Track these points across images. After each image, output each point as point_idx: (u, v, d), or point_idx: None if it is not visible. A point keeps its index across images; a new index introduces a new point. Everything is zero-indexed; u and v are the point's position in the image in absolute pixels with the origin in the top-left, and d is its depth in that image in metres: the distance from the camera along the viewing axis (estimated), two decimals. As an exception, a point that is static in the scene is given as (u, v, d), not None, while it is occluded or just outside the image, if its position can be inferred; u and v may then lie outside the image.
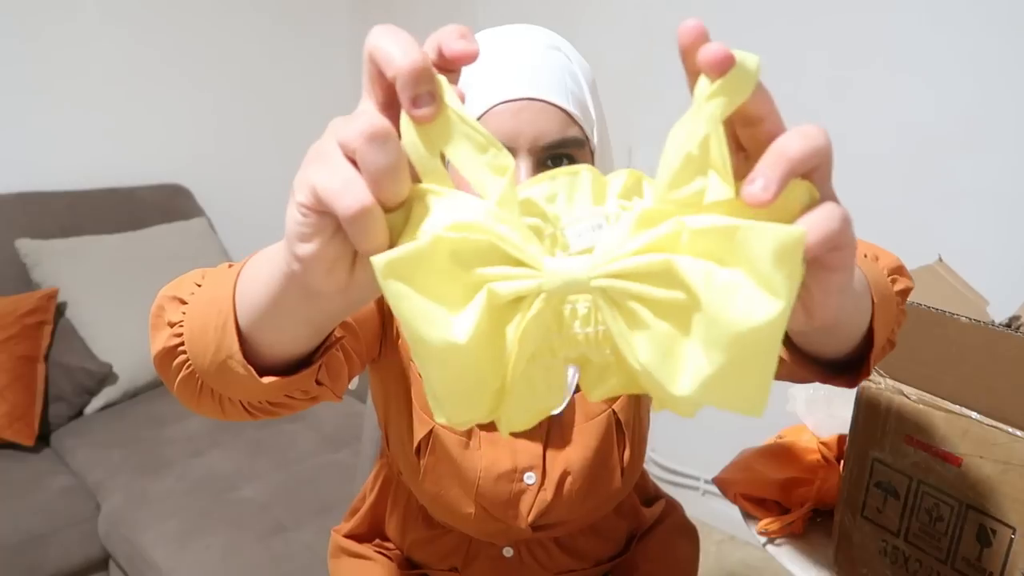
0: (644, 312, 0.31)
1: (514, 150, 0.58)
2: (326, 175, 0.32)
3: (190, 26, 2.32)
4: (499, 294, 0.31)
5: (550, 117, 0.59)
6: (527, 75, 0.58)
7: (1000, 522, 0.66)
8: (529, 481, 0.73)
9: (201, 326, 0.47)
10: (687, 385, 0.31)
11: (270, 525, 1.40)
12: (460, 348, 0.31)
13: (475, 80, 0.59)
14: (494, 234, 0.31)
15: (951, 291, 1.05)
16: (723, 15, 1.75)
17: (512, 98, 0.58)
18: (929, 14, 1.46)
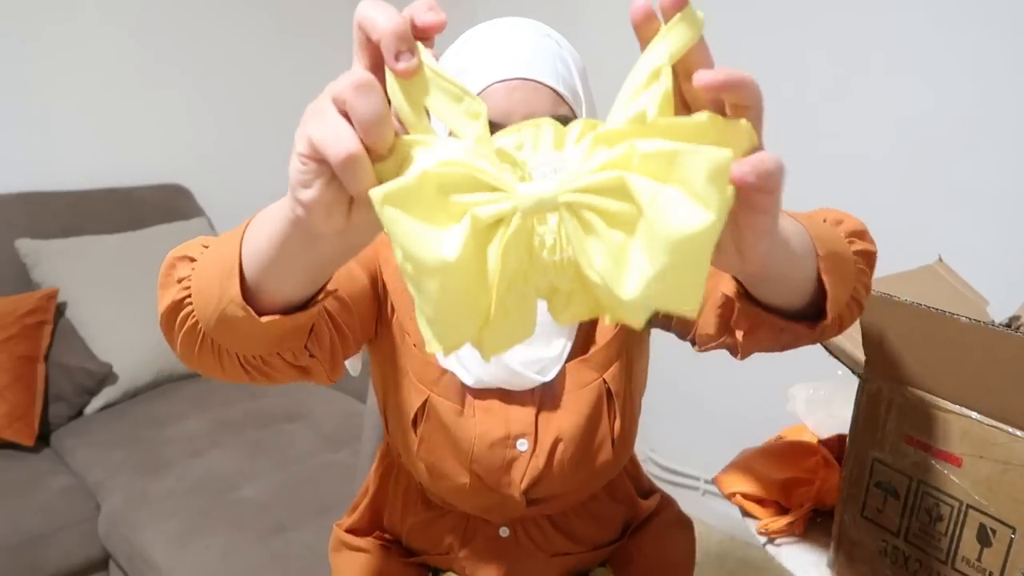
0: (599, 223, 0.35)
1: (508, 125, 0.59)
2: (320, 127, 0.36)
3: (190, 26, 2.32)
4: (481, 217, 0.35)
5: (541, 96, 0.63)
6: (521, 58, 0.63)
7: (1000, 522, 0.66)
8: (521, 448, 0.75)
9: (207, 277, 0.50)
10: (633, 287, 0.34)
11: (270, 525, 1.40)
12: (450, 265, 0.34)
13: (473, 63, 0.63)
14: (473, 167, 0.36)
15: (951, 291, 1.05)
16: (723, 15, 1.75)
17: (506, 78, 0.62)
18: (929, 14, 1.46)
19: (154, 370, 1.90)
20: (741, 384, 1.87)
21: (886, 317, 0.72)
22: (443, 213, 0.36)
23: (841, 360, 0.91)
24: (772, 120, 1.61)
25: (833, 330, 0.62)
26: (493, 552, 0.83)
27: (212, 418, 1.78)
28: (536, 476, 0.76)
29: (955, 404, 0.69)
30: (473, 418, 0.75)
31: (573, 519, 0.85)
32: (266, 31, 2.50)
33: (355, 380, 1.91)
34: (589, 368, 0.76)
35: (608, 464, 0.79)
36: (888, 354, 0.74)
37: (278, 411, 1.84)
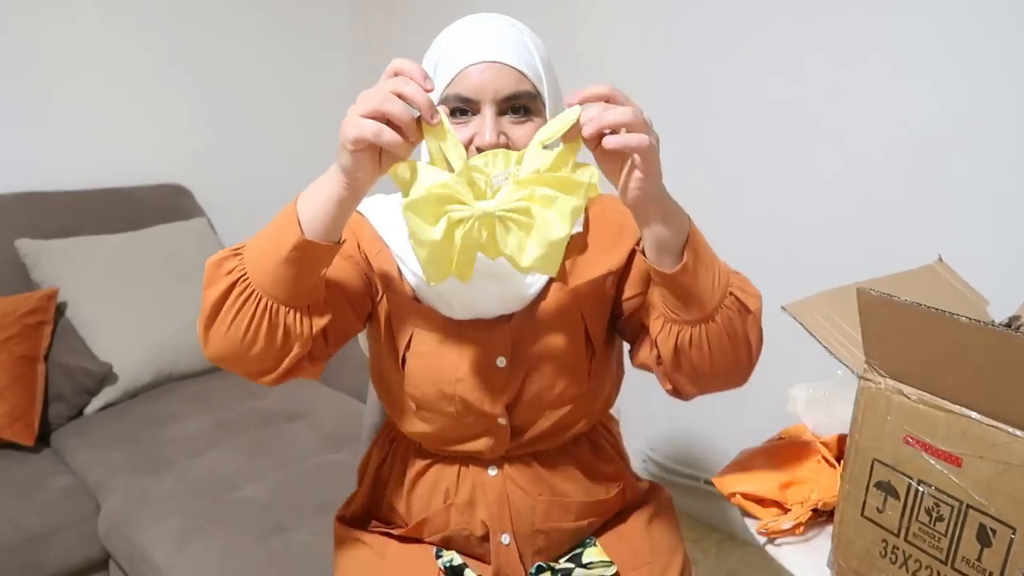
0: (513, 227, 0.68)
1: (480, 101, 0.76)
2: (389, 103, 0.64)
3: (190, 27, 2.32)
4: (453, 218, 0.67)
5: (507, 75, 0.76)
6: (489, 44, 0.76)
7: (1000, 522, 0.66)
8: (500, 364, 0.85)
9: (263, 249, 0.72)
10: (527, 260, 0.69)
11: (270, 525, 1.40)
12: (436, 241, 0.67)
13: (449, 52, 0.77)
14: (455, 189, 0.67)
15: (951, 291, 1.05)
16: (722, 16, 1.75)
17: (477, 61, 0.75)
18: (929, 14, 1.46)
19: (154, 370, 1.90)
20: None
21: (886, 317, 0.72)
22: (434, 212, 0.67)
23: (841, 360, 0.91)
24: (772, 120, 1.62)
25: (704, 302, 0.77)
26: (484, 492, 0.89)
27: (212, 418, 1.78)
28: (516, 393, 0.85)
29: (955, 404, 0.69)
30: (456, 343, 0.84)
31: (557, 460, 0.92)
32: (266, 32, 2.50)
33: (355, 380, 1.91)
34: (568, 296, 0.86)
35: (585, 396, 0.88)
36: (888, 354, 0.74)
37: (278, 411, 1.84)
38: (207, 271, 0.74)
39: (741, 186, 1.81)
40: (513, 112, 0.77)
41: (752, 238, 1.80)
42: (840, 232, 1.66)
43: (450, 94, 0.76)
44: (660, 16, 1.87)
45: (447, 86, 0.76)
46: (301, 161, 2.67)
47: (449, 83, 0.76)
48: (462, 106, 0.76)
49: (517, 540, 0.90)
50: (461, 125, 0.76)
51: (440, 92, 0.76)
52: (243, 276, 0.72)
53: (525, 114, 0.77)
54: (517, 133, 0.77)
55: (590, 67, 2.02)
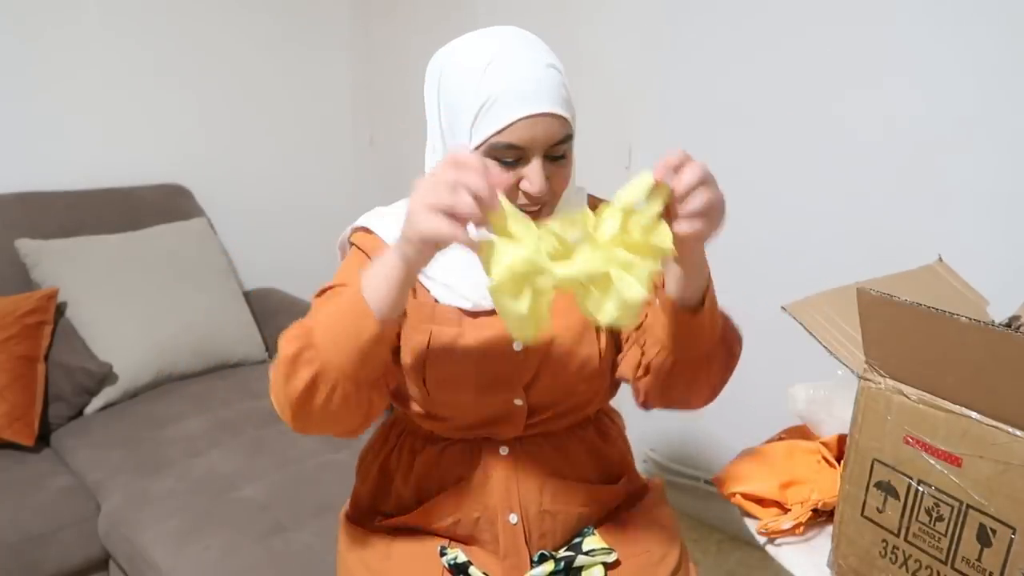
0: (593, 288, 0.69)
1: (530, 150, 0.78)
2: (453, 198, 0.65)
3: (190, 27, 2.32)
4: (537, 288, 0.68)
5: (554, 125, 0.78)
6: (541, 93, 0.78)
7: (1000, 522, 0.66)
8: (517, 348, 0.87)
9: (339, 336, 0.75)
10: (606, 319, 0.68)
11: (270, 525, 1.40)
12: (523, 315, 0.67)
13: (500, 97, 0.77)
14: (534, 262, 0.67)
15: (951, 291, 1.05)
16: (722, 15, 1.75)
17: (531, 114, 0.77)
18: (929, 15, 1.46)
19: (154, 370, 1.90)
20: (741, 384, 1.86)
21: (886, 317, 0.72)
22: (518, 286, 0.68)
23: (841, 360, 0.91)
24: (773, 121, 1.63)
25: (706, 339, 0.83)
26: (495, 471, 0.91)
27: (212, 418, 1.78)
28: (533, 375, 0.88)
29: (955, 404, 0.69)
30: (474, 333, 0.87)
31: (566, 442, 0.95)
32: (266, 32, 2.50)
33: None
34: None
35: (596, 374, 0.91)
36: (888, 354, 0.74)
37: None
38: (281, 369, 0.79)
39: (741, 186, 1.80)
40: (554, 157, 0.80)
41: (752, 238, 1.80)
42: (840, 232, 1.66)
43: (500, 142, 0.77)
44: (660, 17, 1.87)
45: (496, 132, 0.77)
46: (301, 161, 2.67)
47: (499, 131, 0.77)
48: (510, 156, 0.78)
49: (524, 520, 0.91)
50: (507, 169, 0.79)
51: (485, 137, 0.77)
52: (323, 369, 0.76)
53: (563, 156, 0.81)
54: (558, 177, 0.82)
55: (589, 67, 2.02)
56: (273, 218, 2.61)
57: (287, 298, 2.36)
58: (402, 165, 2.64)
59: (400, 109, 2.62)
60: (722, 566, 1.93)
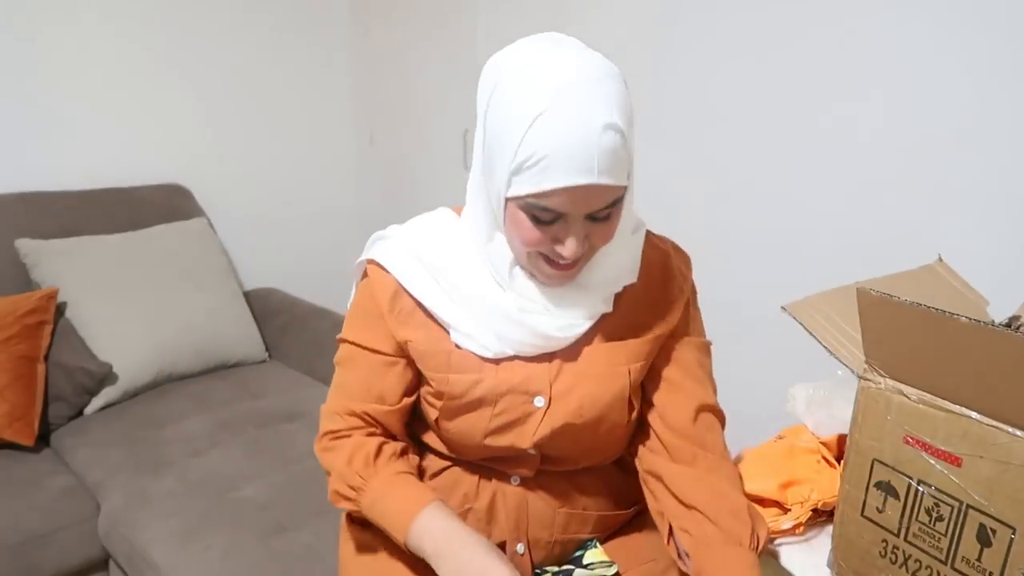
0: None
1: (570, 215, 0.72)
2: None
3: (190, 27, 2.32)
4: None
5: (601, 193, 0.71)
6: (586, 164, 0.68)
7: (1000, 522, 0.66)
8: (538, 404, 0.83)
9: (378, 520, 0.83)
10: None
11: (270, 525, 1.40)
12: None
13: (547, 161, 0.68)
14: None
15: (951, 291, 1.05)
16: (721, 15, 1.75)
17: (572, 185, 0.68)
18: (929, 15, 1.46)
19: (154, 370, 1.90)
20: (741, 384, 1.86)
21: (886, 317, 0.72)
22: None
23: (841, 360, 0.91)
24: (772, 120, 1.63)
25: None
26: (504, 502, 0.88)
27: (212, 418, 1.78)
28: (548, 433, 0.83)
29: (955, 404, 0.69)
30: (492, 379, 0.82)
31: (583, 477, 0.90)
32: (266, 32, 2.50)
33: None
34: (619, 352, 0.84)
35: (617, 439, 0.87)
36: (888, 354, 0.74)
37: (278, 411, 1.84)
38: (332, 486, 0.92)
39: (741, 186, 1.81)
40: (596, 217, 0.74)
41: (753, 238, 1.80)
42: (840, 232, 1.66)
43: (536, 204, 0.71)
44: (659, 17, 1.87)
45: (534, 193, 0.70)
46: (301, 161, 2.67)
47: (539, 193, 0.70)
48: (547, 216, 0.72)
49: (531, 550, 0.89)
50: (542, 226, 0.73)
51: (523, 190, 0.70)
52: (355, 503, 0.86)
53: (610, 214, 0.74)
54: (599, 231, 0.75)
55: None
56: (273, 218, 2.61)
57: (287, 298, 2.36)
58: (402, 165, 2.64)
59: (400, 109, 2.62)
60: (722, 566, 1.92)
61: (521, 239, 0.75)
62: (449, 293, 0.82)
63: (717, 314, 1.92)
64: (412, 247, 0.85)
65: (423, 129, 2.53)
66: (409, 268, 0.84)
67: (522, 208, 0.72)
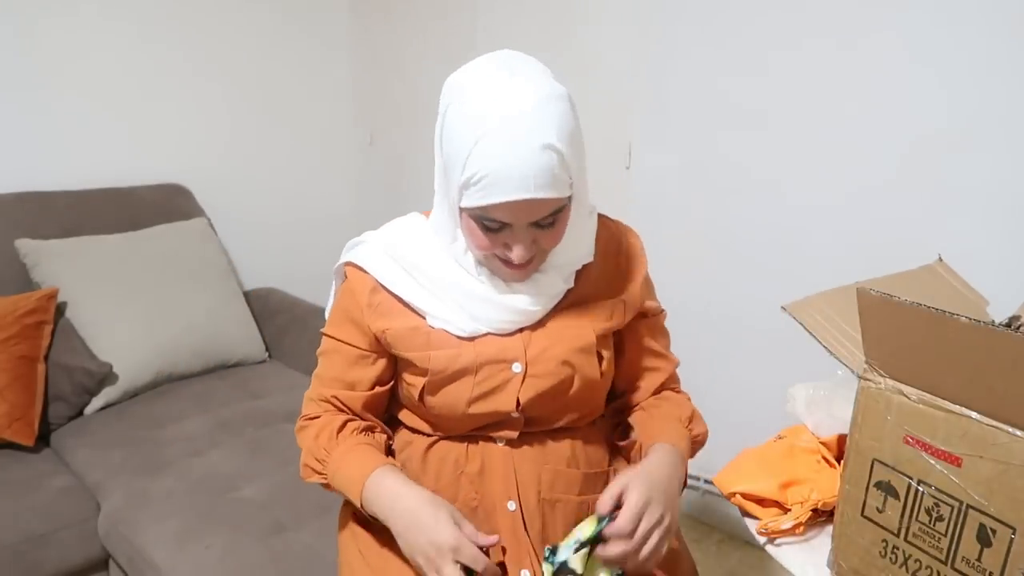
0: None
1: (511, 224, 0.80)
2: None
3: (190, 27, 2.32)
4: None
5: (541, 205, 0.79)
6: (524, 180, 0.76)
7: (1000, 522, 0.66)
8: (516, 370, 0.89)
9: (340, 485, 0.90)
10: None
11: (270, 525, 1.40)
12: None
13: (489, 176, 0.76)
14: None
15: (951, 291, 1.05)
16: (721, 14, 1.75)
17: (517, 199, 0.77)
18: (930, 15, 1.46)
19: (154, 370, 1.90)
20: (741, 384, 1.87)
21: (886, 317, 0.72)
22: None
23: (841, 360, 0.91)
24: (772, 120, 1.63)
25: None
26: (493, 463, 0.92)
27: (212, 418, 1.78)
28: (530, 394, 0.89)
29: (955, 404, 0.69)
30: (471, 352, 0.89)
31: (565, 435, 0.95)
32: (266, 32, 2.50)
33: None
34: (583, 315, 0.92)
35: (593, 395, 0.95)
36: (888, 354, 0.74)
37: (278, 411, 1.84)
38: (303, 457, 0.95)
39: (741, 186, 1.81)
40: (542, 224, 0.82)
41: (752, 238, 1.80)
42: (840, 232, 1.66)
43: (483, 216, 0.80)
44: (659, 18, 1.87)
45: (480, 206, 0.78)
46: (301, 161, 2.67)
47: (484, 206, 0.78)
48: (495, 225, 0.81)
49: (523, 509, 0.92)
50: (491, 234, 0.81)
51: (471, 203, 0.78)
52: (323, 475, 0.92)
53: (554, 221, 0.82)
54: (546, 237, 0.83)
55: (589, 67, 2.02)
56: (273, 218, 2.61)
57: (287, 298, 2.36)
58: (402, 165, 2.64)
59: (400, 109, 2.62)
60: (722, 566, 1.93)
61: (475, 244, 0.84)
62: (424, 285, 0.90)
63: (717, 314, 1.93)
64: (386, 248, 0.92)
65: (423, 129, 2.53)
66: (384, 266, 0.91)
67: (472, 218, 0.81)
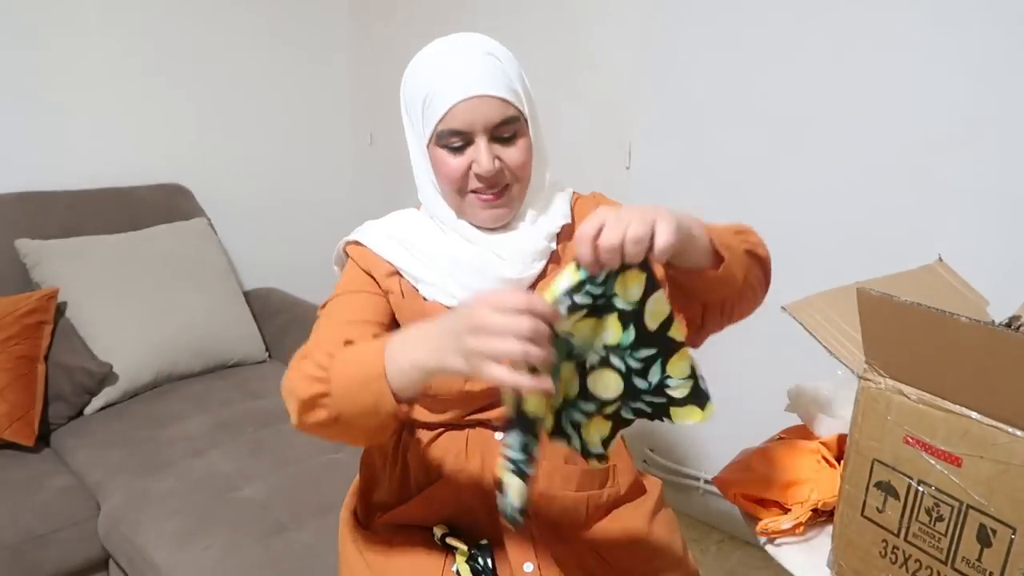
0: None
1: (473, 132, 0.84)
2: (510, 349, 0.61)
3: (190, 26, 2.32)
4: None
5: (493, 105, 0.83)
6: (473, 78, 0.83)
7: (1000, 522, 0.66)
8: None
9: (357, 405, 0.74)
10: None
11: (270, 525, 1.40)
12: None
13: (438, 87, 0.84)
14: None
15: (951, 291, 1.05)
16: (722, 16, 1.75)
17: (464, 97, 0.82)
18: (930, 15, 1.46)
19: (154, 370, 1.90)
20: (741, 384, 1.86)
21: (886, 317, 0.72)
22: None
23: (841, 360, 0.91)
24: (772, 120, 1.62)
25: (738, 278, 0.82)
26: (492, 457, 0.91)
27: (212, 418, 1.78)
28: None
29: (955, 404, 0.69)
30: None
31: None
32: (266, 32, 2.50)
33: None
34: None
35: None
36: (888, 354, 0.74)
37: (278, 411, 1.83)
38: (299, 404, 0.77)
39: (741, 186, 1.81)
40: (503, 138, 0.86)
41: (752, 238, 1.80)
42: (840, 232, 1.66)
43: (443, 130, 0.84)
44: (659, 17, 1.87)
45: (439, 122, 0.84)
46: (301, 161, 2.67)
47: (441, 119, 0.83)
48: (456, 141, 0.85)
49: None
50: (457, 155, 0.85)
51: (432, 128, 0.85)
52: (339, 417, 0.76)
53: (513, 137, 0.86)
54: (507, 154, 0.86)
55: (589, 66, 2.02)
56: (273, 218, 2.61)
57: (287, 298, 2.36)
58: (402, 165, 2.62)
59: (400, 109, 2.62)
60: (722, 566, 1.93)
61: (447, 177, 0.87)
62: (418, 258, 0.92)
63: (717, 314, 1.93)
64: (384, 229, 0.96)
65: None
66: (383, 242, 0.94)
67: (438, 145, 0.85)
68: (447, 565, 0.90)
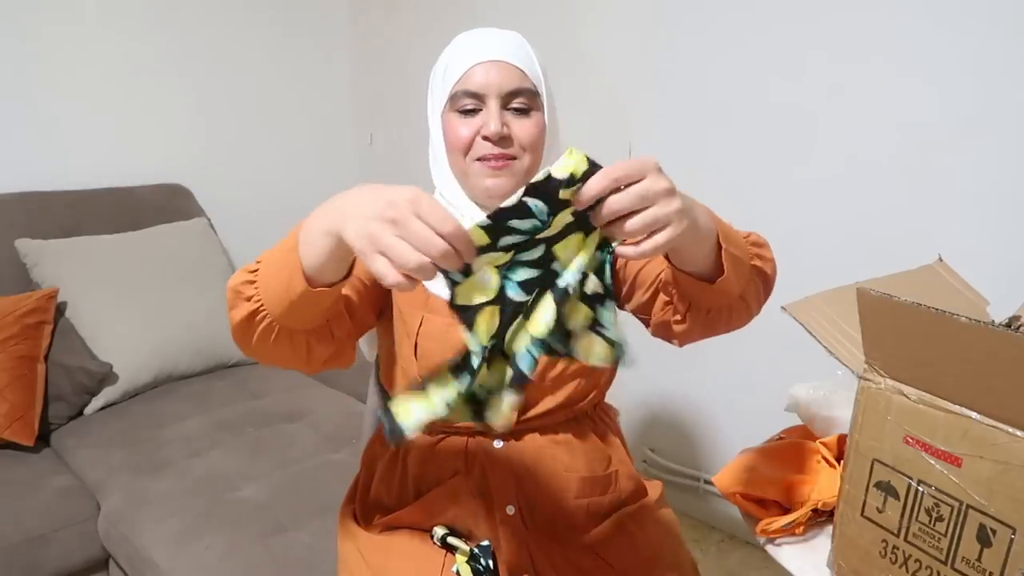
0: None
1: (486, 95, 0.84)
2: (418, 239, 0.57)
3: (190, 26, 2.32)
4: None
5: (510, 73, 0.85)
6: (494, 45, 0.85)
7: (1000, 522, 0.66)
8: None
9: (274, 286, 0.71)
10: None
11: (270, 525, 1.40)
12: None
13: (458, 53, 0.86)
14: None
15: (951, 291, 1.05)
16: (723, 17, 1.75)
17: (483, 60, 0.84)
18: (930, 14, 1.46)
19: (154, 370, 1.90)
20: (741, 384, 1.87)
21: (886, 317, 0.72)
22: None
23: (841, 360, 0.91)
24: (773, 121, 1.63)
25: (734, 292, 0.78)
26: (491, 465, 0.92)
27: (212, 418, 1.78)
28: None
29: (955, 404, 0.69)
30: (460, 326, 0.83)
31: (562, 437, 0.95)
32: (266, 32, 2.50)
33: (355, 380, 1.91)
34: None
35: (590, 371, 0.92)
36: (888, 354, 0.74)
37: (278, 411, 1.84)
38: (228, 296, 0.76)
39: (741, 186, 1.81)
40: (516, 109, 0.86)
41: (752, 238, 1.80)
42: (840, 232, 1.66)
43: (459, 90, 0.85)
44: (660, 18, 1.87)
45: (456, 83, 0.85)
46: (301, 161, 2.67)
47: (458, 80, 0.84)
48: (470, 103, 0.85)
49: (522, 512, 0.92)
50: (469, 118, 0.85)
51: (449, 89, 0.85)
52: (260, 308, 0.73)
53: (527, 110, 0.86)
54: (518, 125, 0.86)
55: (589, 67, 2.02)
56: (273, 218, 2.60)
57: (287, 298, 2.36)
58: (402, 165, 2.64)
59: (400, 109, 2.62)
60: (722, 566, 1.93)
61: (454, 142, 0.86)
62: None
63: (717, 314, 1.93)
64: None
65: (423, 129, 2.53)
66: None
67: (451, 108, 0.86)
68: (447, 565, 0.90)
